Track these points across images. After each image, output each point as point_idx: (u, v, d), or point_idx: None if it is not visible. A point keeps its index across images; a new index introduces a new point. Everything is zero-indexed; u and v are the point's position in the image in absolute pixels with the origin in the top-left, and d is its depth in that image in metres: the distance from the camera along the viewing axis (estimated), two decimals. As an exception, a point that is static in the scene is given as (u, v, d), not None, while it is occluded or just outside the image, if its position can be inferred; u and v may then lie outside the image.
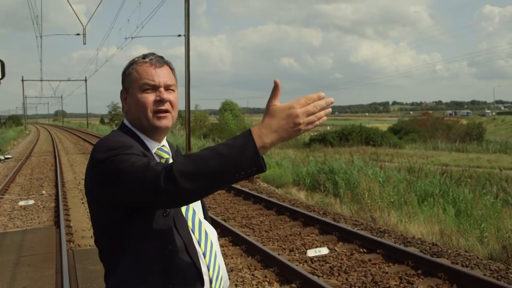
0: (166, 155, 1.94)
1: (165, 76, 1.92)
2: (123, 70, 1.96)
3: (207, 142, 29.54)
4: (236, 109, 71.67)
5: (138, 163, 1.66)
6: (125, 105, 1.95)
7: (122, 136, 1.87)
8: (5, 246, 7.74)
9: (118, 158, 1.70)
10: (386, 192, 11.17)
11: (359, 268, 6.71)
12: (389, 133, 51.30)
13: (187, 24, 24.05)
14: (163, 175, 1.56)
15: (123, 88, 1.96)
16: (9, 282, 6.03)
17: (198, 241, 1.89)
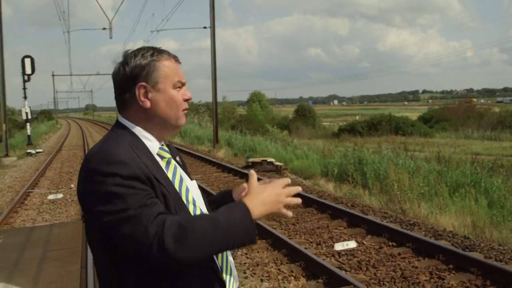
0: (168, 154, 1.83)
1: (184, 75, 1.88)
2: (139, 62, 1.77)
3: (235, 133, 29.48)
4: (264, 100, 71.61)
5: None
6: (145, 101, 1.76)
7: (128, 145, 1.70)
8: (32, 241, 7.78)
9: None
10: (416, 183, 10.91)
11: (388, 262, 6.53)
12: (419, 122, 50.52)
13: (212, 15, 24.00)
14: (155, 244, 1.51)
15: (142, 80, 1.76)
16: (35, 277, 6.04)
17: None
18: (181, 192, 1.78)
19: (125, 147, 1.68)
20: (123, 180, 1.57)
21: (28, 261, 6.70)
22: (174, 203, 1.69)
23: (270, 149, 21.48)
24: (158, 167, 1.74)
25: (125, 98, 1.79)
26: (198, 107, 63.28)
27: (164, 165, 1.80)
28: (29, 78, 26.94)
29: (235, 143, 25.03)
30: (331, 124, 66.34)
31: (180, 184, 1.81)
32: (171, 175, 1.80)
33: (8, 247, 7.49)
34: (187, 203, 1.78)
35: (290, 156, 19.51)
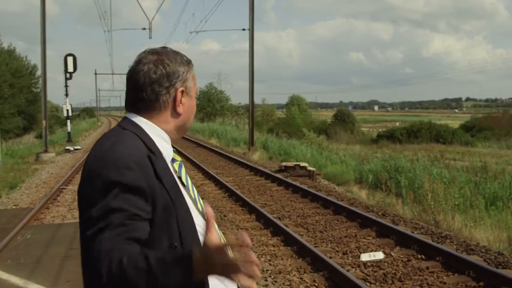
0: (179, 157, 1.79)
1: None
2: (180, 66, 1.73)
3: (270, 136, 29.39)
4: (303, 103, 71.37)
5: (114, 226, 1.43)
6: (180, 106, 1.73)
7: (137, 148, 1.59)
8: (58, 238, 7.84)
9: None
10: (451, 193, 10.57)
11: (415, 276, 6.29)
12: (460, 130, 49.35)
13: (252, 18, 23.98)
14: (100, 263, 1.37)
15: (182, 85, 1.73)
16: (55, 275, 6.06)
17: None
18: (196, 198, 1.73)
19: (138, 149, 1.59)
20: (123, 192, 1.47)
21: (51, 258, 6.74)
22: (184, 216, 1.60)
23: (305, 154, 21.30)
24: (169, 173, 1.65)
25: (155, 98, 1.69)
26: (237, 109, 63.57)
27: (177, 168, 1.73)
28: (71, 76, 27.46)
29: (270, 146, 24.93)
30: (370, 130, 65.55)
31: (193, 189, 1.76)
32: (185, 179, 1.73)
33: (34, 243, 7.57)
34: (202, 210, 1.72)
35: (325, 161, 19.28)
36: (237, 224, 9.19)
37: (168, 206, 1.55)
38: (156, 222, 1.52)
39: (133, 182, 1.48)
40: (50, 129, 35.18)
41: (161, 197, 1.54)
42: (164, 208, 1.54)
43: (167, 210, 1.55)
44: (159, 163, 1.60)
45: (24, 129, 39.62)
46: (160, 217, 1.53)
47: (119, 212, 1.45)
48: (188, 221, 1.61)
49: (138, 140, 1.62)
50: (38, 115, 42.25)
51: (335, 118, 63.78)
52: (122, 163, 1.50)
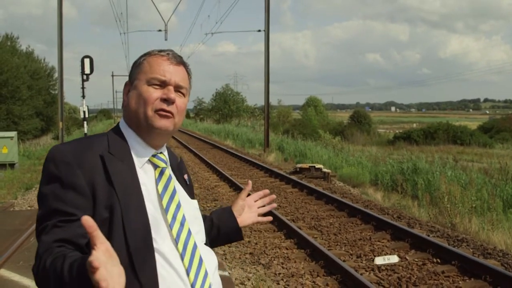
0: (162, 163, 1.67)
1: (178, 76, 1.68)
2: (135, 60, 1.72)
3: (286, 138, 29.31)
4: (320, 105, 71.16)
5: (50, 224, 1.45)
6: (125, 99, 1.69)
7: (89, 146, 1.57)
8: None
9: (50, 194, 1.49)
10: (468, 196, 10.39)
11: (430, 280, 6.17)
12: (478, 131, 48.76)
13: (267, 19, 23.94)
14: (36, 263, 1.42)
15: (128, 79, 1.72)
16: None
17: (186, 269, 1.57)
18: (168, 208, 1.61)
19: (88, 147, 1.57)
20: (60, 189, 1.47)
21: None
22: (134, 218, 1.51)
23: (322, 155, 21.17)
24: (130, 177, 1.57)
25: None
26: (254, 110, 63.59)
27: (157, 175, 1.64)
28: (88, 77, 27.59)
29: (286, 147, 24.85)
30: (387, 131, 65.10)
31: (170, 199, 1.63)
32: (162, 188, 1.63)
33: (46, 245, 7.57)
34: (173, 221, 1.60)
35: (341, 163, 19.15)
36: (250, 226, 9.13)
37: (113, 206, 1.50)
38: (96, 219, 1.39)
39: (68, 177, 1.48)
40: (67, 130, 35.47)
41: (105, 196, 1.50)
42: (107, 207, 1.49)
43: (111, 209, 1.49)
44: (117, 164, 1.56)
45: (41, 130, 39.94)
46: (101, 215, 1.48)
47: (56, 213, 1.45)
48: (139, 225, 1.51)
49: (102, 141, 1.61)
50: (56, 116, 42.59)
51: (351, 119, 63.49)
52: (60, 158, 1.51)
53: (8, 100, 31.68)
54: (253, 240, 8.18)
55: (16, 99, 32.69)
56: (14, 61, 33.70)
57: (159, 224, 1.57)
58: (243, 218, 2.05)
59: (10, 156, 17.45)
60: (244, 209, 2.05)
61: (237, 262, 7.10)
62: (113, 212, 1.49)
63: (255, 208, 2.09)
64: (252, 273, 6.56)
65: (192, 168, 18.02)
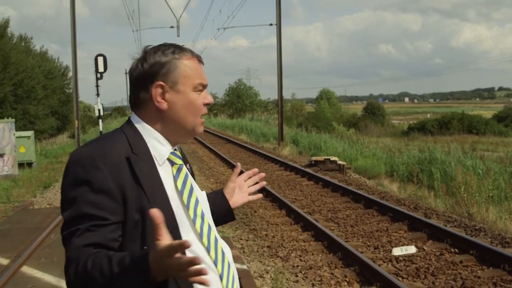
0: (180, 160, 1.69)
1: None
2: (159, 59, 1.63)
3: (300, 131, 29.26)
4: (333, 97, 70.87)
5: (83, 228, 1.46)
6: (162, 102, 1.62)
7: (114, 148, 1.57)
8: None
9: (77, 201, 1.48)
10: (485, 185, 10.34)
11: (448, 270, 6.18)
12: (493, 120, 48.26)
13: (278, 12, 23.90)
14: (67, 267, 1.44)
15: (159, 80, 1.62)
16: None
17: (214, 261, 1.63)
18: (189, 204, 1.64)
19: (115, 149, 1.56)
20: (91, 194, 1.47)
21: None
22: (167, 217, 1.49)
23: (337, 147, 21.14)
24: (154, 175, 1.59)
25: (140, 96, 1.65)
26: (267, 104, 63.53)
27: (175, 172, 1.66)
28: (101, 76, 27.77)
29: (300, 140, 24.83)
30: (401, 122, 64.72)
31: (189, 195, 1.66)
32: (181, 184, 1.66)
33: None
34: (195, 216, 1.64)
35: (356, 155, 19.11)
36: (267, 219, 9.18)
37: (143, 208, 1.50)
38: (128, 222, 1.50)
39: (98, 181, 1.48)
40: (83, 128, 35.77)
41: (135, 198, 1.51)
42: (138, 210, 1.51)
43: (142, 211, 1.50)
44: (142, 164, 1.56)
45: (57, 129, 40.28)
46: (133, 217, 1.50)
47: (87, 218, 1.45)
48: (168, 225, 1.45)
49: (123, 141, 1.60)
50: (71, 115, 42.87)
51: (365, 111, 63.18)
52: (89, 162, 1.49)
53: (24, 100, 31.98)
54: (271, 234, 8.23)
55: (31, 99, 32.98)
56: (28, 62, 33.97)
57: (182, 220, 1.60)
58: (234, 199, 2.08)
59: (27, 155, 17.67)
60: (235, 191, 2.09)
61: (255, 256, 7.16)
62: (144, 214, 1.50)
63: (245, 188, 2.12)
64: (270, 266, 6.62)
65: (208, 163, 18.11)
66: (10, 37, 34.00)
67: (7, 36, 32.77)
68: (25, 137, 17.76)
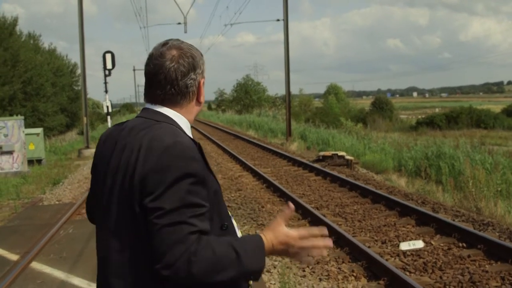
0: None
1: None
2: (199, 56, 1.80)
3: (308, 126, 29.23)
4: (341, 92, 70.70)
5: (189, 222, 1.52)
6: (202, 96, 1.83)
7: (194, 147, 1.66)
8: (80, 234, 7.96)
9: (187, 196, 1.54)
10: (493, 179, 10.30)
11: (456, 265, 6.17)
12: (502, 115, 47.98)
13: (286, 8, 23.84)
14: (181, 261, 1.47)
15: (203, 76, 1.82)
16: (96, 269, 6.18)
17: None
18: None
19: (191, 141, 1.68)
20: (195, 184, 1.56)
21: (93, 253, 6.83)
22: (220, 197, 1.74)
23: (345, 142, 21.11)
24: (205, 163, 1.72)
25: (185, 91, 1.75)
26: (275, 100, 63.47)
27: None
28: (110, 72, 27.87)
29: (308, 136, 24.81)
30: (409, 117, 64.46)
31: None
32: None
33: (76, 238, 7.75)
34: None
35: (364, 150, 19.08)
36: (275, 215, 9.21)
37: (217, 190, 1.70)
38: (211, 205, 1.63)
39: (199, 172, 1.59)
40: (91, 125, 35.87)
41: (211, 182, 1.66)
42: (214, 193, 1.67)
43: (217, 193, 1.69)
44: (201, 151, 1.69)
45: (66, 126, 40.50)
46: (212, 200, 1.63)
47: (193, 206, 1.54)
48: (224, 208, 1.76)
49: (182, 133, 1.70)
50: (80, 112, 43.06)
51: (373, 106, 62.98)
52: (187, 155, 1.58)
53: (33, 97, 32.18)
54: (278, 229, 8.23)
55: (40, 96, 33.19)
56: (37, 59, 34.17)
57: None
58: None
59: (37, 152, 17.78)
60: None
61: (263, 251, 7.16)
62: (217, 195, 1.70)
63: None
64: (278, 261, 6.63)
65: (216, 159, 18.14)
66: (19, 35, 34.19)
67: (16, 34, 32.94)
68: (34, 134, 17.87)
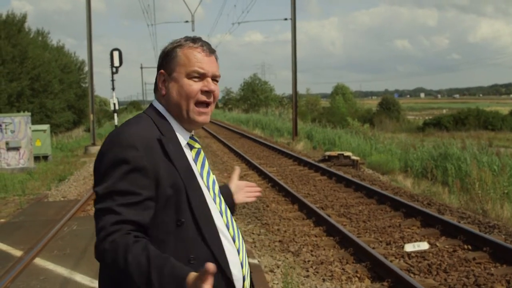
0: (198, 144, 1.84)
1: (214, 66, 1.81)
2: (165, 49, 1.83)
3: (315, 126, 29.17)
4: (348, 92, 70.54)
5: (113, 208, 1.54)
6: (163, 88, 1.80)
7: (147, 131, 1.69)
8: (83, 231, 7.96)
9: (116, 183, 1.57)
10: (500, 182, 10.22)
11: (461, 267, 6.12)
12: (510, 116, 47.72)
13: (293, 7, 23.79)
14: (99, 246, 1.52)
15: (162, 69, 1.81)
16: (98, 265, 6.17)
17: (232, 237, 1.76)
18: (208, 184, 1.79)
19: (148, 131, 1.69)
20: (130, 171, 1.58)
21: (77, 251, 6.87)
22: (196, 195, 1.69)
23: (351, 143, 21.05)
24: (182, 156, 1.73)
25: (156, 82, 1.84)
26: (282, 99, 63.42)
27: (194, 155, 1.81)
28: (117, 70, 27.92)
29: (315, 135, 24.75)
30: (416, 117, 64.22)
31: (208, 176, 1.81)
32: (200, 166, 1.80)
33: (80, 234, 7.74)
34: (214, 196, 1.79)
35: (370, 150, 19.02)
36: (280, 214, 9.17)
37: (177, 185, 1.64)
38: (161, 198, 1.62)
39: (136, 160, 1.59)
40: (98, 122, 35.99)
41: (168, 175, 1.63)
42: (171, 186, 1.63)
43: (176, 188, 1.64)
44: (171, 145, 1.70)
45: (73, 123, 40.59)
46: (166, 193, 1.62)
47: (123, 194, 1.55)
48: (201, 201, 1.70)
49: (151, 123, 1.73)
50: (87, 109, 43.08)
51: (380, 106, 62.79)
52: (126, 142, 1.61)
53: (41, 94, 32.28)
54: (282, 228, 8.22)
55: (48, 93, 33.28)
56: (45, 56, 34.28)
57: (207, 198, 1.74)
58: (237, 196, 2.20)
59: (43, 149, 17.83)
60: (238, 189, 2.22)
61: (267, 250, 7.15)
62: (178, 190, 1.64)
63: (244, 191, 2.24)
64: (281, 261, 6.61)
65: (221, 157, 18.12)
66: (28, 32, 34.30)
67: (25, 31, 33.06)
68: (41, 130, 17.92)
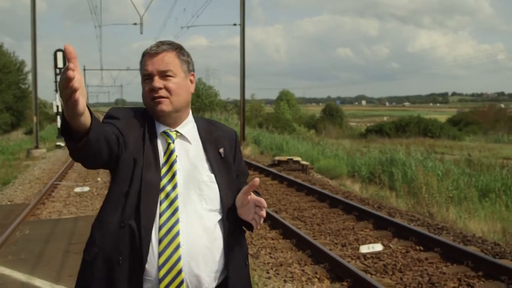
0: (169, 139, 2.02)
1: (158, 63, 1.99)
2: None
3: (262, 131, 29.43)
4: (292, 99, 71.40)
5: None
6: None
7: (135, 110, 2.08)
8: (57, 233, 7.84)
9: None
10: (445, 186, 10.69)
11: (414, 267, 6.39)
12: (448, 124, 49.72)
13: (243, 13, 23.94)
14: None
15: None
16: (57, 269, 6.07)
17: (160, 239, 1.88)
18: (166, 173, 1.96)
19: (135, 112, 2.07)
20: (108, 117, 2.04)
21: (52, 254, 6.74)
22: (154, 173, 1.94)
23: (299, 148, 21.37)
24: (154, 141, 2.00)
25: None
26: (226, 104, 63.47)
27: (166, 145, 2.02)
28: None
29: (262, 140, 24.96)
30: (358, 124, 65.79)
31: (170, 167, 1.97)
32: (166, 157, 1.99)
33: (33, 239, 7.56)
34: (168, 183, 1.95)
35: (318, 156, 19.38)
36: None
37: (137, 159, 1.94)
38: (122, 163, 1.93)
39: (112, 115, 2.03)
40: (40, 124, 34.93)
41: (134, 147, 1.95)
42: (134, 156, 1.94)
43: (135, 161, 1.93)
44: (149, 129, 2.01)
45: (12, 126, 39.27)
46: (128, 160, 1.93)
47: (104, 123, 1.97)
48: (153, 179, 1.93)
49: (143, 110, 2.07)
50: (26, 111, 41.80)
51: (323, 113, 63.95)
52: (114, 110, 2.07)
53: (-22, 94, 31.06)
54: (239, 231, 8.27)
55: (-15, 94, 32.05)
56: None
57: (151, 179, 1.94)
58: (242, 211, 2.06)
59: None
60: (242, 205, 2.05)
61: (226, 253, 7.18)
62: (136, 163, 1.93)
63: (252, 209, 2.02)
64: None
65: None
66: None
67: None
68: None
